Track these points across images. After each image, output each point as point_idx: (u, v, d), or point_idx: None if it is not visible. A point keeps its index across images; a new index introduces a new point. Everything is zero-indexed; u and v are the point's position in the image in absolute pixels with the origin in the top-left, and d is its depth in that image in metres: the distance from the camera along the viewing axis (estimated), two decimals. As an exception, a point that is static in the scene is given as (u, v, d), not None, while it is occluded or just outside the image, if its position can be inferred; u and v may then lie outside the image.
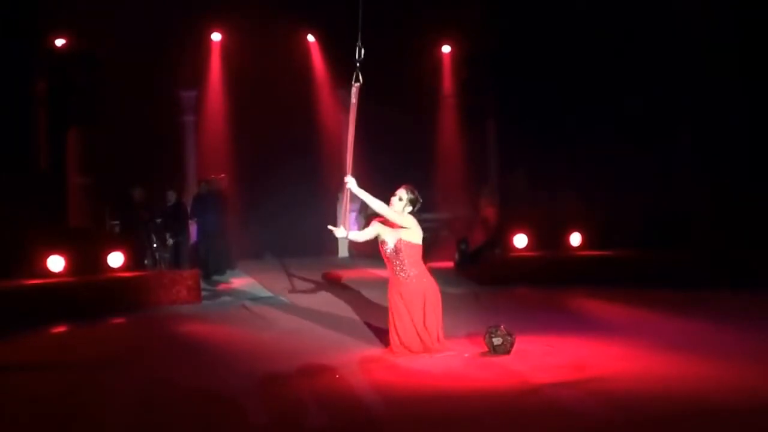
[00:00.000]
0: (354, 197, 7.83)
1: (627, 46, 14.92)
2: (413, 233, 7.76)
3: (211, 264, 14.64)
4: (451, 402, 6.19)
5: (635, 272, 12.78)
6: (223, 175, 15.42)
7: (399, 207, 7.84)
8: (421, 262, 7.88)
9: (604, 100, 15.02)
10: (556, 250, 13.85)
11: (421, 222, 7.91)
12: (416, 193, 7.92)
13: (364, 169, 18.07)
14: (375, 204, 7.65)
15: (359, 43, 7.83)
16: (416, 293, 7.73)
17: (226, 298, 12.70)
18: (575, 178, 14.96)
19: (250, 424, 5.93)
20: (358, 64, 7.81)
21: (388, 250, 7.80)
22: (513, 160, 16.58)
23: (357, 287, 12.91)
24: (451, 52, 17.95)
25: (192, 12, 15.69)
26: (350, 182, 7.68)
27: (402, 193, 7.87)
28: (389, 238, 7.79)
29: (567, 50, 15.31)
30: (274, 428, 5.85)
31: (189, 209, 15.08)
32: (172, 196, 14.71)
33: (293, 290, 12.78)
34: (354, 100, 7.82)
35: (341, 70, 17.61)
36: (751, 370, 6.90)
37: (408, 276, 7.75)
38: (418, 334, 7.70)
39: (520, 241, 13.87)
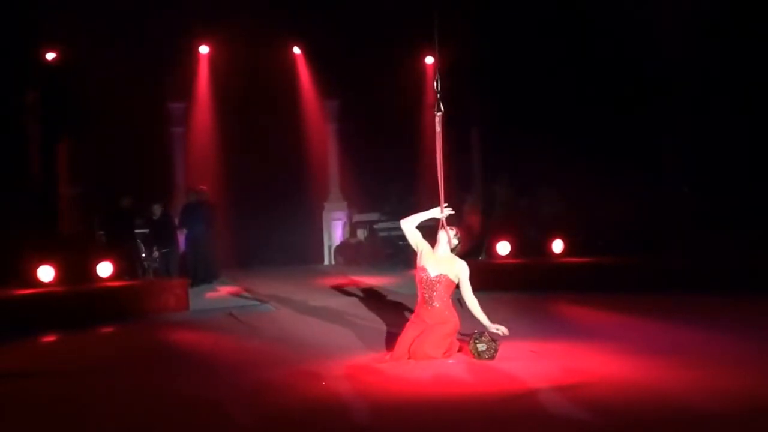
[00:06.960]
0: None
1: (610, 54, 15.07)
2: (454, 273, 7.94)
3: (199, 272, 14.75)
4: (435, 408, 6.23)
5: (617, 278, 12.79)
6: (204, 187, 15.51)
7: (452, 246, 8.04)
8: (450, 299, 8.02)
9: (587, 108, 15.18)
10: (539, 257, 13.95)
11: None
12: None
13: (348, 179, 18.38)
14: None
15: (437, 76, 8.03)
16: (433, 319, 7.86)
17: (214, 307, 12.75)
18: (558, 186, 15.12)
19: (236, 431, 6.01)
20: (438, 95, 8.00)
21: (425, 278, 7.92)
22: (496, 168, 16.74)
23: (343, 295, 13.04)
24: (433, 63, 18.12)
25: (180, 26, 15.82)
26: (445, 212, 7.99)
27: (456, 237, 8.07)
28: (431, 267, 7.94)
29: (550, 58, 15.44)
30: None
31: (177, 218, 15.21)
32: (157, 210, 14.82)
33: (280, 298, 12.90)
34: (438, 128, 8.01)
35: (326, 81, 17.85)
36: (737, 375, 6.87)
37: (432, 306, 7.90)
38: (410, 345, 7.79)
39: (503, 248, 13.99)
